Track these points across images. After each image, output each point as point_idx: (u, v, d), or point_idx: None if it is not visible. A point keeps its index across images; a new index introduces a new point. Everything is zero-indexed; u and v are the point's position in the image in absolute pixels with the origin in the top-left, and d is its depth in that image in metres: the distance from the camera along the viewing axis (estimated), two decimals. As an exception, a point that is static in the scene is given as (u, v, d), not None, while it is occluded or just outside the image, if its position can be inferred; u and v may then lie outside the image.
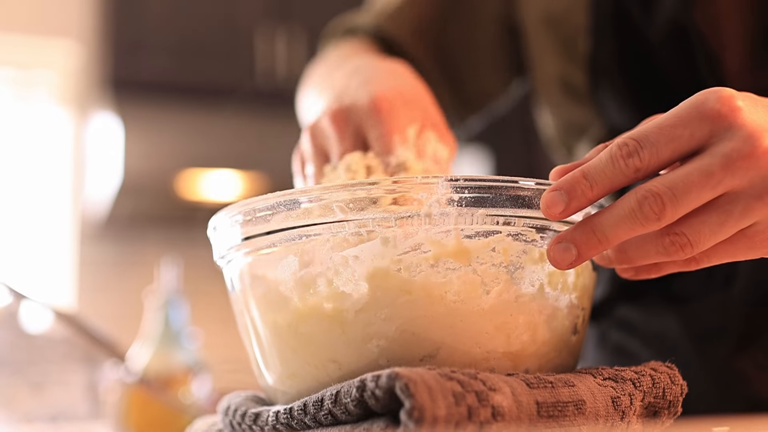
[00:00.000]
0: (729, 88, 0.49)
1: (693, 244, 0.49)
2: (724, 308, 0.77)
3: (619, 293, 0.85)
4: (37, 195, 3.26)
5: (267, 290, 0.54)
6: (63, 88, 3.32)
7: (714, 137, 0.48)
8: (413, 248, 0.50)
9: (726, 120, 0.48)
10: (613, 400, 0.48)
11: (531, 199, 0.51)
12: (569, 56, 0.85)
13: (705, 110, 0.48)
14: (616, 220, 0.48)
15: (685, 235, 0.49)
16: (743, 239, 0.50)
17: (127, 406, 1.20)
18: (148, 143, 2.93)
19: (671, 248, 0.49)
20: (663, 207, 0.47)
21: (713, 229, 0.48)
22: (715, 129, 0.48)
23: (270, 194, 0.52)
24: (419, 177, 0.50)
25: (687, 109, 0.49)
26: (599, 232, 0.49)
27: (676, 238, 0.49)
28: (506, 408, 0.43)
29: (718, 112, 0.48)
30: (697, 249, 0.49)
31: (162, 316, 1.27)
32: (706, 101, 0.48)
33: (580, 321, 0.55)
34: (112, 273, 3.27)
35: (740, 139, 0.47)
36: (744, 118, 0.48)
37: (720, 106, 0.48)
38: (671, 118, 0.49)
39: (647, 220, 0.47)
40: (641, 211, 0.47)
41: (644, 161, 0.48)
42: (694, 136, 0.48)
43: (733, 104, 0.48)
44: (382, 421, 0.44)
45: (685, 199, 0.47)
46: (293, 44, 3.15)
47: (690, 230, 0.48)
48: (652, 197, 0.47)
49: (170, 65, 3.03)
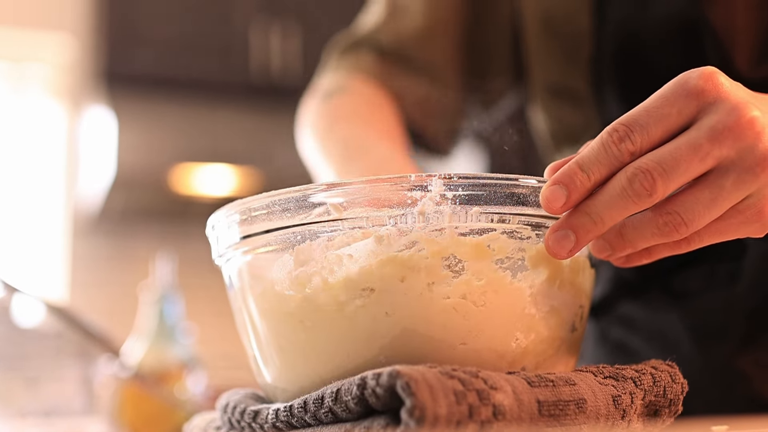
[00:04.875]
0: (710, 66, 0.50)
1: (687, 222, 0.49)
2: (727, 306, 0.77)
3: (621, 290, 0.85)
4: (30, 188, 3.25)
5: (265, 289, 0.53)
6: (56, 82, 3.31)
7: (701, 112, 0.49)
8: (407, 246, 0.50)
9: (710, 95, 0.48)
10: (614, 398, 0.47)
11: (526, 196, 0.51)
12: (570, 60, 0.85)
13: (689, 87, 0.49)
14: (609, 200, 0.48)
15: (678, 214, 0.49)
16: (736, 214, 0.50)
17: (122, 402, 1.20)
18: (141, 137, 2.93)
19: (665, 228, 0.49)
20: (653, 182, 0.47)
21: (706, 205, 0.48)
22: (701, 104, 0.48)
23: (265, 193, 0.52)
24: (413, 175, 0.50)
25: (672, 88, 0.49)
26: (594, 214, 0.49)
27: (670, 218, 0.49)
28: (507, 407, 0.43)
29: (702, 88, 0.48)
30: (692, 227, 0.49)
31: (156, 311, 1.27)
32: (689, 79, 0.49)
33: (578, 318, 0.55)
34: (105, 267, 3.27)
35: (725, 111, 0.48)
36: (727, 91, 0.49)
37: (703, 83, 0.49)
38: (658, 99, 0.49)
39: (639, 197, 0.48)
40: (632, 188, 0.47)
41: (636, 144, 0.48)
42: (682, 113, 0.49)
43: (715, 80, 0.49)
44: (383, 419, 0.44)
45: (675, 172, 0.47)
46: (287, 39, 3.15)
47: (683, 209, 0.49)
48: (641, 174, 0.47)
49: (164, 59, 3.02)
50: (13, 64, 3.29)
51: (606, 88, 0.82)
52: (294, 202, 0.51)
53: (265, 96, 3.09)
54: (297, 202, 0.51)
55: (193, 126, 3.00)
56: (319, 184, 0.51)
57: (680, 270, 0.79)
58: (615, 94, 0.81)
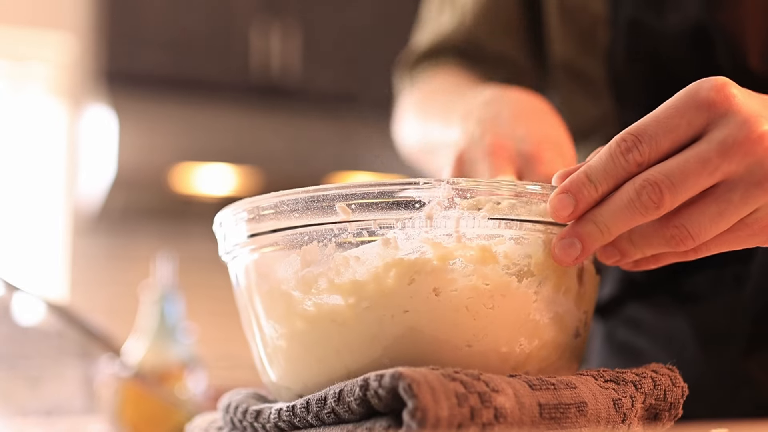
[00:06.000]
0: (722, 77, 0.49)
1: (694, 236, 0.49)
2: (733, 310, 0.77)
3: (629, 292, 0.85)
4: (30, 187, 3.25)
5: (271, 288, 0.54)
6: (57, 81, 3.31)
7: (711, 124, 0.48)
8: (414, 250, 0.50)
9: (721, 107, 0.48)
10: (615, 402, 0.48)
11: (533, 203, 0.51)
12: (587, 47, 0.84)
13: (700, 98, 0.48)
14: (616, 210, 0.49)
15: (685, 228, 0.49)
16: (743, 227, 0.50)
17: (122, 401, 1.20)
18: (142, 136, 2.93)
19: (672, 241, 0.49)
20: (661, 195, 0.47)
21: (713, 219, 0.49)
22: (712, 116, 0.48)
23: (274, 193, 0.52)
24: (421, 180, 0.50)
25: (682, 98, 0.49)
26: (601, 223, 0.49)
27: (677, 231, 0.49)
28: (509, 409, 0.44)
29: (713, 100, 0.48)
30: (698, 240, 0.49)
31: (157, 311, 1.27)
32: (700, 90, 0.49)
33: (582, 324, 0.55)
34: (105, 267, 3.27)
35: (736, 125, 0.48)
36: (739, 104, 0.48)
37: (714, 94, 0.48)
38: (667, 110, 0.49)
39: (646, 209, 0.48)
40: (640, 200, 0.48)
41: (644, 155, 0.48)
42: (691, 124, 0.48)
43: (727, 91, 0.48)
44: (385, 421, 0.44)
45: (683, 186, 0.47)
46: (288, 39, 3.15)
47: (690, 222, 0.49)
48: (650, 186, 0.47)
49: (165, 59, 3.02)
50: (14, 63, 3.29)
51: (623, 81, 0.81)
52: (302, 203, 0.52)
53: (266, 96, 3.09)
54: (305, 202, 0.52)
55: (193, 125, 3.00)
56: (327, 186, 0.51)
57: (688, 273, 0.79)
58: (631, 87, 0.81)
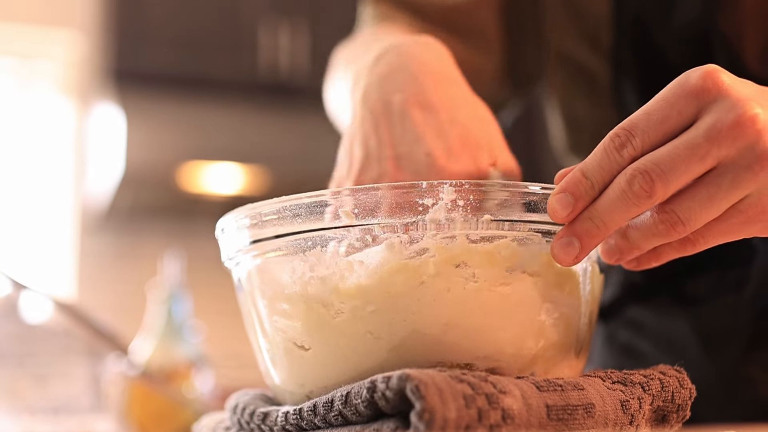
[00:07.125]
0: (712, 64, 0.49)
1: (684, 221, 0.48)
2: (734, 311, 0.77)
3: (630, 294, 0.85)
4: (38, 185, 3.25)
5: (274, 293, 0.54)
6: (65, 79, 3.31)
7: (702, 111, 0.48)
8: (418, 253, 0.50)
9: (711, 93, 0.48)
10: (622, 403, 0.48)
11: (536, 204, 0.51)
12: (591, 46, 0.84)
13: (689, 87, 0.48)
14: (610, 204, 0.48)
15: (675, 213, 0.48)
16: (736, 214, 0.50)
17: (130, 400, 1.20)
18: (150, 135, 2.93)
19: (662, 227, 0.49)
20: (652, 183, 0.47)
21: (703, 204, 0.48)
22: (702, 103, 0.48)
23: (276, 198, 0.52)
24: (424, 183, 0.50)
25: (672, 89, 0.49)
26: (596, 218, 0.49)
27: (667, 216, 0.48)
28: (516, 411, 0.43)
29: (702, 87, 0.48)
30: (689, 226, 0.49)
31: (165, 310, 1.27)
32: (689, 78, 0.48)
33: (587, 324, 0.55)
34: (113, 265, 3.27)
35: (725, 109, 0.47)
36: (728, 89, 0.48)
37: (703, 81, 0.48)
38: (658, 102, 0.49)
39: (639, 198, 0.47)
40: (631, 190, 0.47)
41: (638, 149, 0.48)
42: (682, 114, 0.48)
43: (716, 77, 0.48)
44: (393, 423, 0.44)
45: (673, 173, 0.47)
46: (296, 37, 3.15)
47: (680, 207, 0.48)
48: (640, 175, 0.47)
49: (173, 57, 3.03)
50: (22, 61, 3.29)
51: (625, 80, 0.81)
52: (305, 208, 0.51)
53: (274, 94, 3.09)
54: (308, 207, 0.51)
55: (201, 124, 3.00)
56: (330, 191, 0.51)
57: (689, 275, 0.79)
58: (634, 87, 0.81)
